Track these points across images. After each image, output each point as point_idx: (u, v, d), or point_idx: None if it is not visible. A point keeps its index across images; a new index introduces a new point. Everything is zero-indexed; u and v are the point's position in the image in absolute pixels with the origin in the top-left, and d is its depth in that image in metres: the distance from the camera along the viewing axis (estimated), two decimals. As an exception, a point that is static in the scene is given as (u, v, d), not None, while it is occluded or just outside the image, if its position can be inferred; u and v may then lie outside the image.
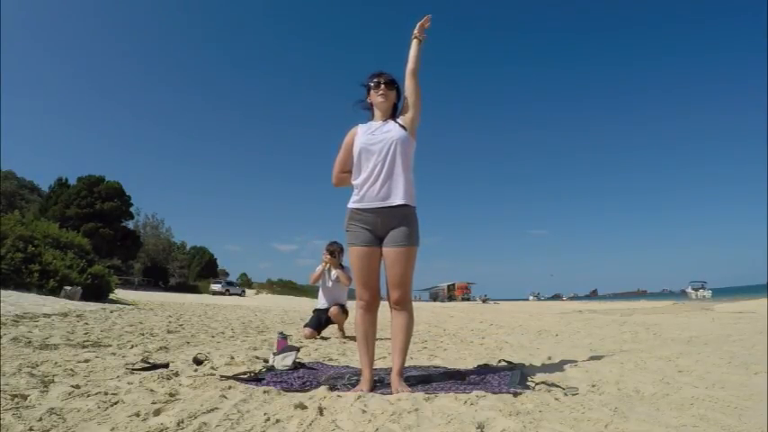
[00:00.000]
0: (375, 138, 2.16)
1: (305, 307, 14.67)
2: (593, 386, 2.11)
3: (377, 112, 2.27)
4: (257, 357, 2.91)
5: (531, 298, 63.77)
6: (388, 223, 2.11)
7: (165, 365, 2.44)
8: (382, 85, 2.23)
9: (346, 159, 2.27)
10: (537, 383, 2.12)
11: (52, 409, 1.53)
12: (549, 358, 3.13)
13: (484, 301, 40.01)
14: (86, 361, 2.53)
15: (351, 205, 2.17)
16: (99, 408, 1.58)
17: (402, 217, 2.12)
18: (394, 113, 2.27)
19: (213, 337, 4.42)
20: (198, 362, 2.61)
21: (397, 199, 2.10)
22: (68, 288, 8.69)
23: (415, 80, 2.25)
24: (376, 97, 2.24)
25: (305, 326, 4.85)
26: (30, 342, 3.16)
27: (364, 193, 2.13)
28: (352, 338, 4.55)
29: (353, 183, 2.20)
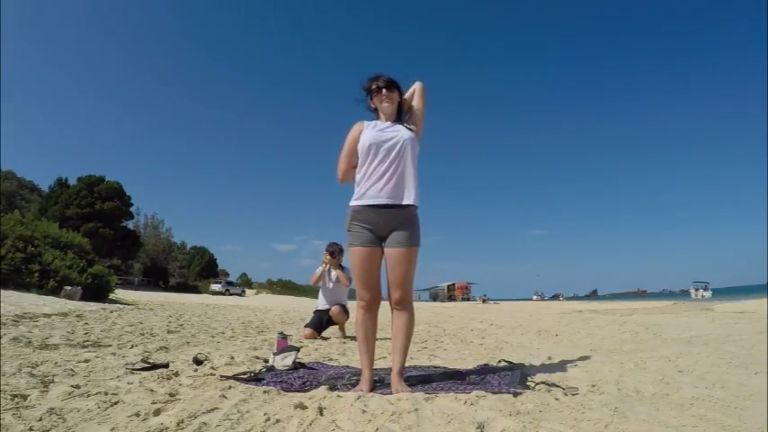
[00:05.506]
0: (385, 135, 2.15)
1: (305, 307, 14.67)
2: (593, 386, 2.11)
3: (382, 116, 2.26)
4: (257, 357, 2.91)
5: (534, 298, 64.36)
6: (390, 223, 2.10)
7: (165, 365, 2.43)
8: (384, 90, 2.22)
9: (353, 154, 2.22)
10: (537, 383, 2.11)
11: (52, 409, 1.53)
12: (549, 358, 3.13)
13: (484, 301, 40.01)
14: (86, 361, 2.53)
15: (353, 203, 2.15)
16: (99, 408, 1.58)
17: (405, 217, 2.11)
18: (400, 113, 2.28)
19: (213, 337, 4.42)
20: (198, 362, 2.61)
21: (403, 199, 2.10)
22: (68, 288, 8.68)
23: (423, 94, 2.32)
24: (380, 103, 2.23)
25: (306, 326, 4.85)
26: (30, 342, 3.16)
27: (367, 190, 2.11)
28: (353, 338, 4.55)
29: (356, 177, 2.17)
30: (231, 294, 37.91)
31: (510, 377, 2.27)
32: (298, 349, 2.69)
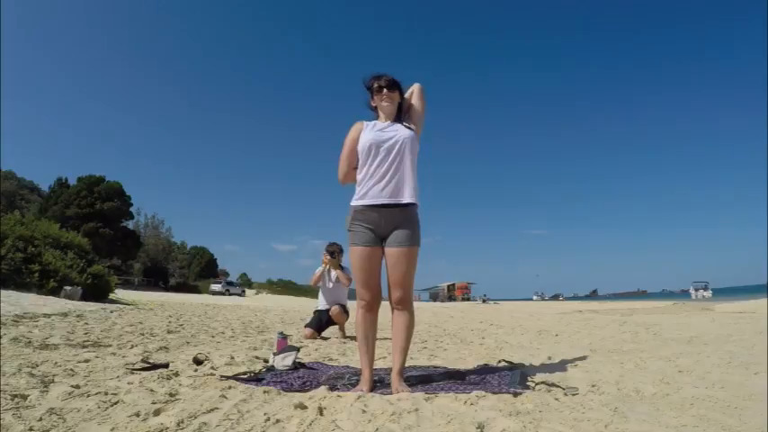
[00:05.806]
0: (385, 135, 2.15)
1: (305, 307, 14.67)
2: (593, 386, 2.11)
3: (382, 115, 2.27)
4: (257, 357, 2.91)
5: (535, 298, 64.56)
6: (391, 222, 2.11)
7: (165, 365, 2.43)
8: (384, 90, 2.22)
9: (352, 155, 2.23)
10: (537, 383, 2.11)
11: (52, 409, 1.53)
12: (549, 358, 3.13)
13: (484, 301, 40.01)
14: (86, 361, 2.53)
15: (355, 203, 2.16)
16: (99, 408, 1.58)
17: (405, 217, 2.12)
18: (399, 114, 2.28)
19: (213, 337, 4.42)
20: (198, 362, 2.61)
21: (405, 198, 2.10)
22: (68, 288, 8.69)
23: (422, 95, 2.34)
24: (380, 102, 2.24)
25: (306, 326, 4.86)
26: (30, 342, 3.16)
27: (368, 191, 2.11)
28: (353, 338, 4.55)
29: (357, 178, 2.18)
30: (231, 294, 37.86)
31: (510, 377, 2.27)
32: (298, 349, 2.69)
